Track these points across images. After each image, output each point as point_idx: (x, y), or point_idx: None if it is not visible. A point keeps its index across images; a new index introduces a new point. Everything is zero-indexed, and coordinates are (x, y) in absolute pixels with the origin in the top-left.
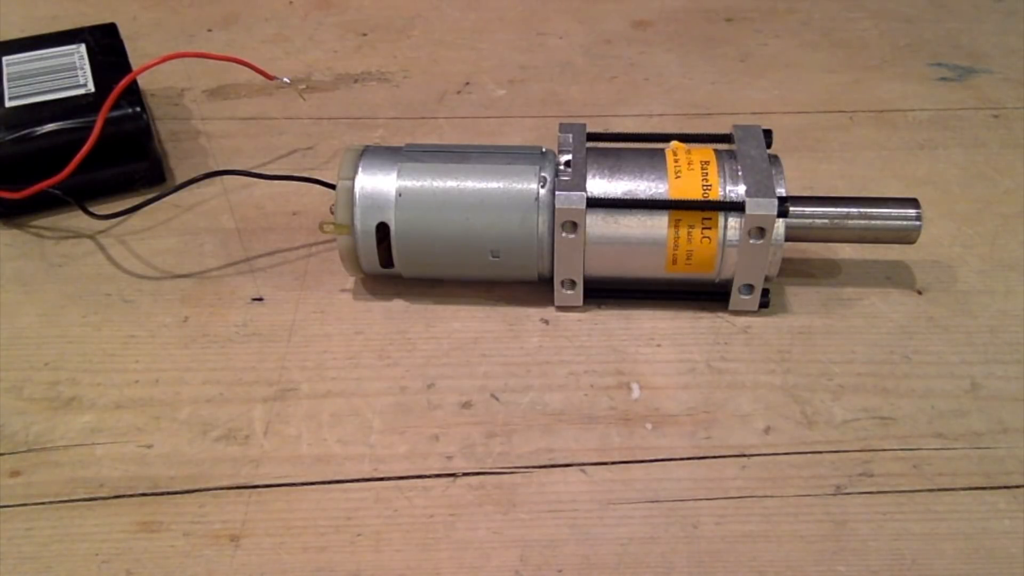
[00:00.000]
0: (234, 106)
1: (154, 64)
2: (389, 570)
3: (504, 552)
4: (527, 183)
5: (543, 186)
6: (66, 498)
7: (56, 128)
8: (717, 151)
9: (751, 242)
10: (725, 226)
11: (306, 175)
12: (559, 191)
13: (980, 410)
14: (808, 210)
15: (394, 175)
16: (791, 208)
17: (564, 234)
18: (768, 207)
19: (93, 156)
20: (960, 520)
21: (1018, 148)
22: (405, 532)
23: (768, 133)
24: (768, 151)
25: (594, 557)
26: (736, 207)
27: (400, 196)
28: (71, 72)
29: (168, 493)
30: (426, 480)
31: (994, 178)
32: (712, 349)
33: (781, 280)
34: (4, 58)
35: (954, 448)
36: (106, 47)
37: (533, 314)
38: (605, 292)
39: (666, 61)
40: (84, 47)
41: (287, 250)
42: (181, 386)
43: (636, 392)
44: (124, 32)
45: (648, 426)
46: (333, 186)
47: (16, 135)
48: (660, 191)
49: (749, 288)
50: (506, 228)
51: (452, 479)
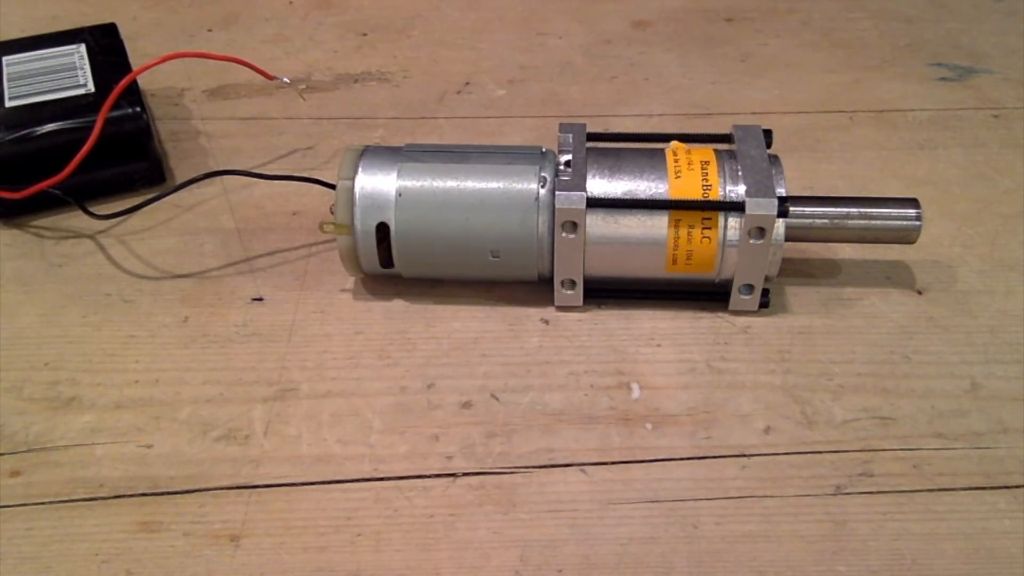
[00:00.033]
0: (234, 106)
1: (154, 64)
2: (389, 570)
3: (504, 552)
4: (527, 183)
5: (543, 186)
6: (66, 498)
7: (56, 128)
8: (717, 151)
9: (751, 242)
10: (725, 226)
11: (306, 175)
12: (559, 191)
13: (980, 410)
14: (808, 210)
15: (394, 175)
16: (791, 208)
17: (564, 234)
18: (768, 207)
19: (93, 156)
20: (960, 520)
21: (1018, 148)
22: (405, 532)
23: (768, 133)
24: (768, 151)
25: (594, 557)
26: (736, 207)
27: (400, 196)
28: (71, 72)
29: (168, 493)
30: (426, 480)
31: (994, 178)
32: (712, 349)
33: (781, 280)
34: (4, 58)
35: (954, 448)
36: (106, 47)
37: (533, 314)
38: (605, 292)
39: (666, 61)
40: (84, 47)
41: (287, 250)
42: (181, 386)
43: (636, 392)
44: (124, 32)
45: (648, 426)
46: (333, 186)
47: (16, 135)
48: (660, 191)
49: (749, 288)
50: (506, 228)
51: (452, 479)
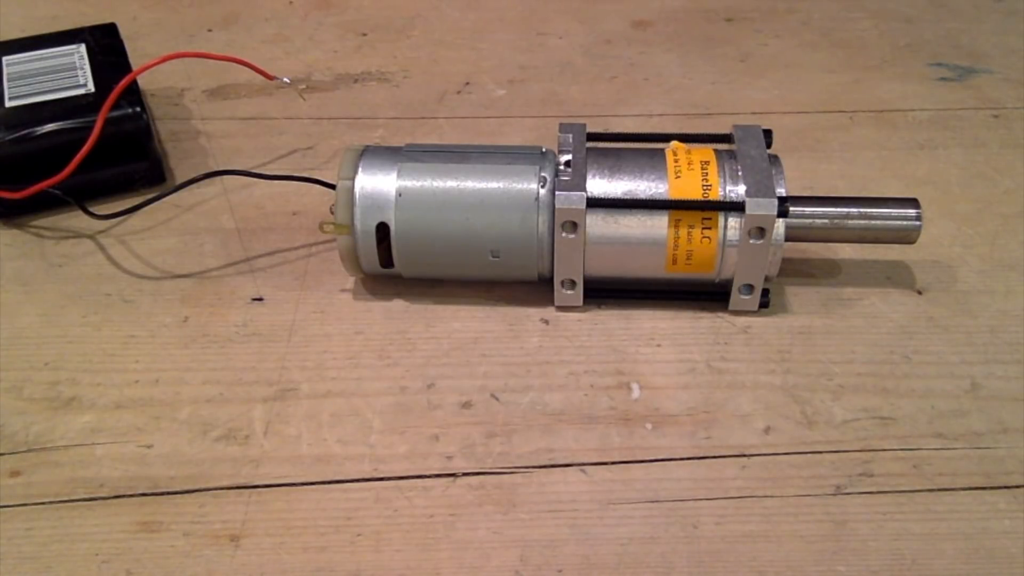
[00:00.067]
0: (234, 106)
1: (154, 64)
2: (389, 570)
3: (504, 552)
4: (527, 183)
5: (543, 186)
6: (66, 498)
7: (56, 128)
8: (717, 151)
9: (751, 242)
10: (725, 226)
11: (306, 175)
12: (559, 191)
13: (980, 410)
14: (808, 210)
15: (394, 175)
16: (791, 208)
17: (564, 234)
18: (768, 207)
19: (93, 156)
20: (960, 520)
21: (1018, 148)
22: (405, 532)
23: (768, 133)
24: (768, 151)
25: (594, 557)
26: (736, 207)
27: (400, 196)
28: (71, 72)
29: (168, 493)
30: (426, 480)
31: (994, 178)
32: (712, 349)
33: (781, 280)
34: (4, 58)
35: (954, 448)
36: (106, 47)
37: (533, 314)
38: (605, 292)
39: (666, 61)
40: (84, 47)
41: (287, 250)
42: (181, 386)
43: (636, 392)
44: (124, 32)
45: (648, 426)
46: (333, 186)
47: (16, 135)
48: (660, 191)
49: (749, 288)
50: (506, 228)
51: (452, 479)
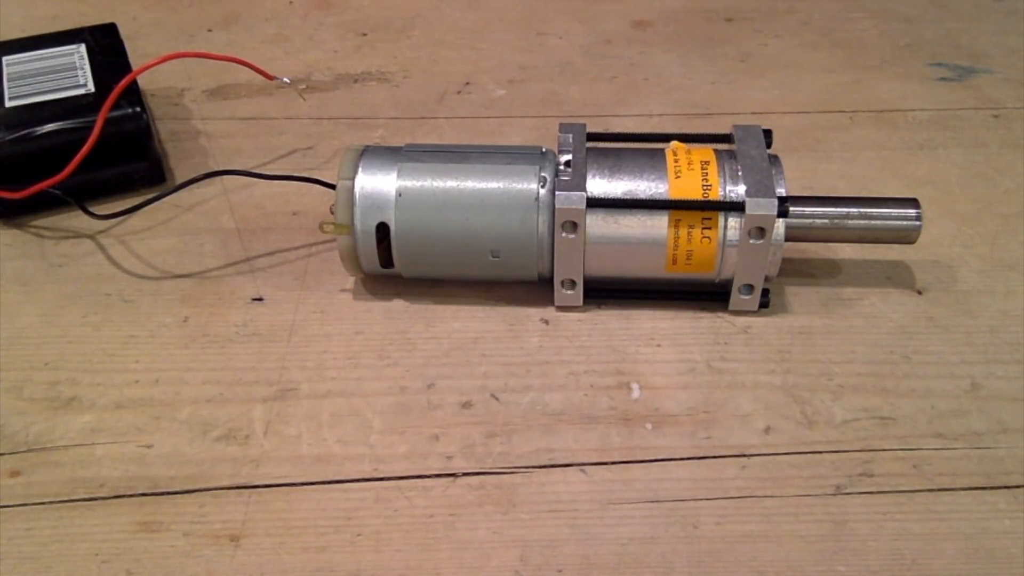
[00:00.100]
0: (234, 106)
1: (154, 64)
2: (389, 570)
3: (504, 552)
4: (527, 183)
5: (543, 186)
6: (66, 498)
7: (56, 128)
8: (717, 151)
9: (751, 242)
10: (725, 226)
11: (306, 175)
12: (559, 191)
13: (980, 410)
14: (808, 210)
15: (394, 175)
16: (791, 208)
17: (564, 234)
18: (768, 207)
19: (93, 156)
20: (960, 520)
21: (1018, 148)
22: (405, 532)
23: (768, 133)
24: (768, 151)
25: (594, 557)
26: (736, 207)
27: (400, 196)
28: (71, 72)
29: (168, 493)
30: (426, 480)
31: (994, 178)
32: (712, 349)
33: (781, 280)
34: (4, 58)
35: (954, 448)
36: (106, 47)
37: (533, 314)
38: (605, 292)
39: (666, 61)
40: (84, 47)
41: (287, 250)
42: (181, 386)
43: (636, 392)
44: (124, 32)
45: (648, 426)
46: (333, 186)
47: (16, 135)
48: (660, 191)
49: (749, 288)
50: (506, 228)
51: (452, 479)
